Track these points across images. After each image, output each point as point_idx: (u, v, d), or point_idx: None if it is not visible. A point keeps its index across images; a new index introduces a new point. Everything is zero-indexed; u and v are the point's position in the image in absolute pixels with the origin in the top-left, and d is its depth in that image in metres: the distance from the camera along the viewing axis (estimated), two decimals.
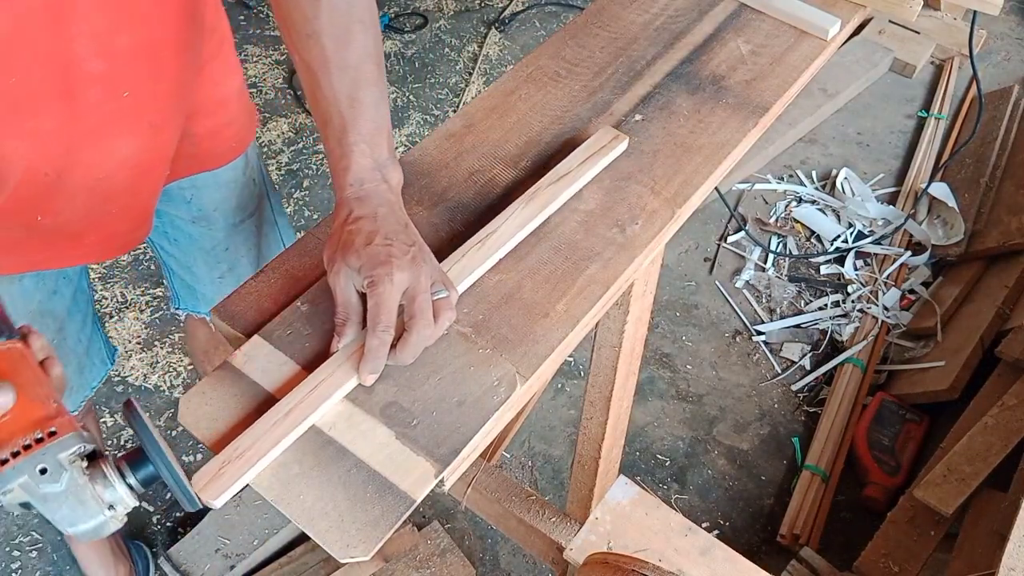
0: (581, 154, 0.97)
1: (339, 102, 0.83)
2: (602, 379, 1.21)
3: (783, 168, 2.70)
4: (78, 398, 1.24)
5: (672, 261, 2.43)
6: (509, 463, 2.01)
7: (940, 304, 2.25)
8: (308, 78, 0.85)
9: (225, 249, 1.26)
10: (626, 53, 1.14)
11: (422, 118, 2.80)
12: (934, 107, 2.84)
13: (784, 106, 1.12)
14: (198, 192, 1.17)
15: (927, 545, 1.75)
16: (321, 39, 0.82)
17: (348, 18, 0.83)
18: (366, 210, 0.82)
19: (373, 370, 0.77)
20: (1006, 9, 3.21)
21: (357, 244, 0.79)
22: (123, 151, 0.91)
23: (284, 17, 0.85)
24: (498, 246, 0.89)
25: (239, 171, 1.20)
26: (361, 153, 0.83)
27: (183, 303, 1.36)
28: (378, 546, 0.70)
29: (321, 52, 0.83)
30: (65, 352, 1.18)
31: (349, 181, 0.83)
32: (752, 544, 1.91)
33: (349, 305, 0.80)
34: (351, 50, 0.83)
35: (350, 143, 0.82)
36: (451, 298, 0.81)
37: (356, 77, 0.83)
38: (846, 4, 1.21)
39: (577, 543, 0.92)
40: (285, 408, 0.76)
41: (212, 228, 1.23)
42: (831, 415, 2.06)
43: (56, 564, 1.84)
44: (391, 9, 3.16)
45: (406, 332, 0.78)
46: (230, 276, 1.30)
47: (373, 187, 0.83)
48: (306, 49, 0.83)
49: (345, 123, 0.83)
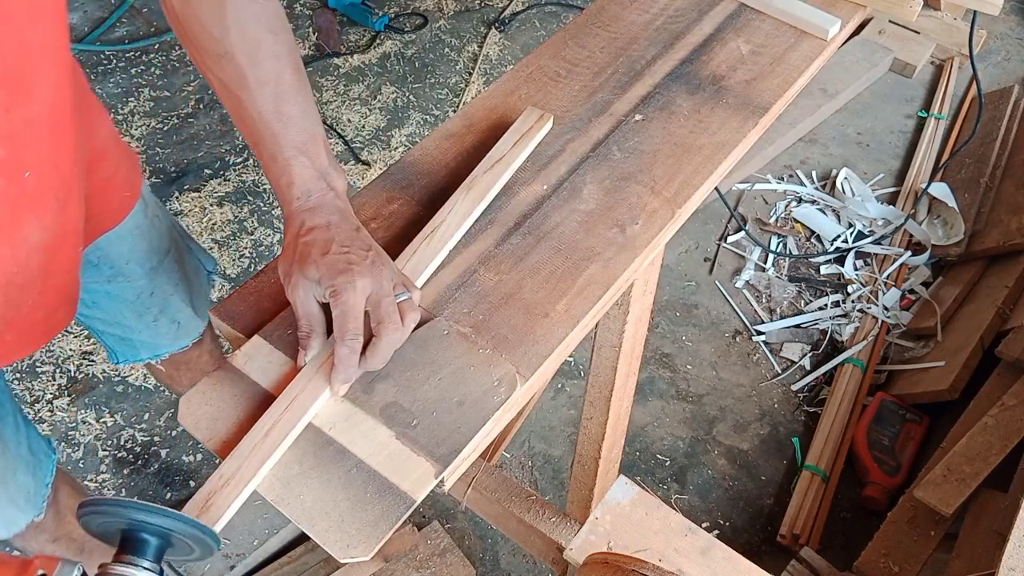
0: (511, 137, 0.98)
1: (265, 119, 0.80)
2: (602, 379, 1.21)
3: (783, 168, 2.70)
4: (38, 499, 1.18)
5: (672, 261, 2.43)
6: (509, 463, 2.01)
7: (940, 304, 2.25)
8: (229, 98, 0.82)
9: (151, 294, 1.22)
10: (626, 53, 1.14)
11: (422, 118, 2.80)
12: (934, 107, 2.84)
13: (784, 106, 1.12)
14: (104, 253, 1.12)
15: (927, 545, 1.75)
16: (235, 57, 0.79)
17: (257, 30, 0.80)
18: (318, 220, 0.80)
19: (345, 379, 0.76)
20: (1006, 9, 3.21)
21: (314, 255, 0.77)
22: (33, 236, 0.84)
23: (191, 40, 0.81)
24: (447, 238, 0.89)
25: (139, 216, 1.15)
26: (301, 165, 0.81)
27: (121, 356, 1.32)
28: (378, 546, 0.70)
29: (237, 70, 0.80)
30: (9, 460, 1.11)
31: (295, 195, 0.81)
32: (752, 544, 1.91)
33: (312, 317, 0.79)
34: (267, 64, 0.80)
35: (287, 158, 0.80)
36: (414, 298, 0.80)
37: (277, 90, 0.81)
38: (846, 4, 1.21)
39: (577, 543, 0.92)
40: (263, 429, 0.75)
41: (130, 280, 1.18)
42: (831, 415, 2.06)
43: None
44: (391, 9, 3.16)
45: (375, 338, 0.77)
46: (163, 317, 1.26)
47: (320, 197, 0.81)
48: (220, 69, 0.81)
49: (277, 139, 0.80)
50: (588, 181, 0.98)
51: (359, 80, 2.91)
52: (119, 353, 1.32)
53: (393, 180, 0.98)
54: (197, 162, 2.61)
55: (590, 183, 0.98)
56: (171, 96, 2.79)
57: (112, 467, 1.98)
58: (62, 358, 2.14)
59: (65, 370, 2.12)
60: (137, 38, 2.97)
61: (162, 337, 1.30)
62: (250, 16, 0.80)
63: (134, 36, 2.98)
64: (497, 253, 0.91)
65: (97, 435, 2.03)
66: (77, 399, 2.08)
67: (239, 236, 2.42)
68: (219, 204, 2.49)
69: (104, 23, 3.00)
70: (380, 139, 2.73)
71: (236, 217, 2.46)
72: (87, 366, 2.13)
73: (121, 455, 2.00)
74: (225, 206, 2.49)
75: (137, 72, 2.86)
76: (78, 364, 2.13)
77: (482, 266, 0.90)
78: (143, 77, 2.84)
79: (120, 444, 2.02)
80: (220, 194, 2.52)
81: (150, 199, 1.20)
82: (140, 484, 1.96)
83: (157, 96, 2.79)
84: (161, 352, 1.33)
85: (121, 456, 2.00)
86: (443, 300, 0.87)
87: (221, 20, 0.79)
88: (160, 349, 1.32)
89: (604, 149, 1.02)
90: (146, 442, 2.03)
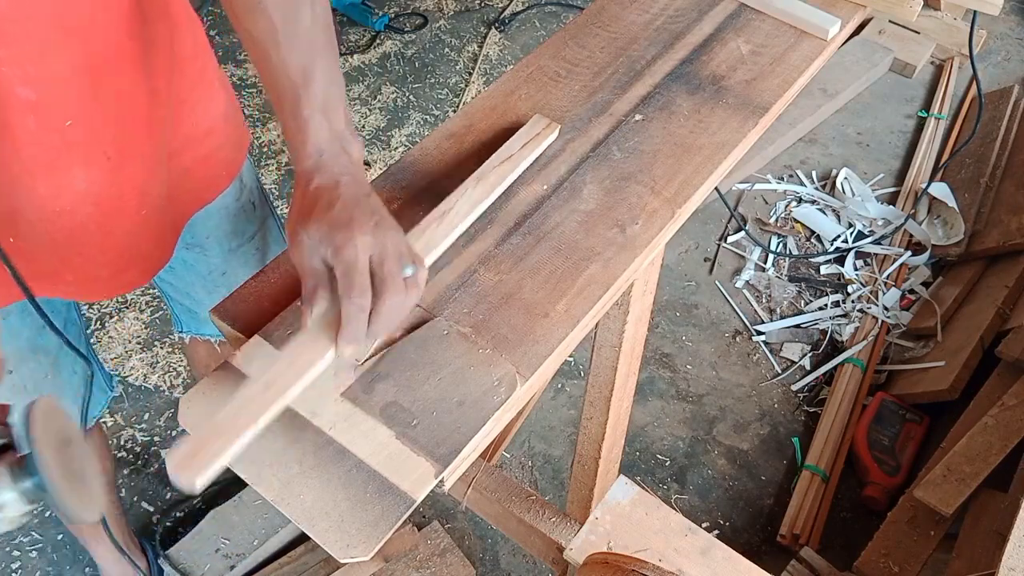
0: (520, 139, 0.99)
1: (291, 75, 0.79)
2: (602, 379, 1.21)
3: (783, 168, 2.70)
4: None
5: (672, 261, 2.43)
6: (509, 463, 2.01)
7: (940, 304, 2.25)
8: (257, 53, 0.80)
9: (222, 274, 1.22)
10: (626, 53, 1.14)
11: (422, 118, 2.80)
12: (934, 107, 2.84)
13: (784, 106, 1.12)
14: (189, 222, 1.13)
15: (927, 545, 1.75)
16: (268, 11, 0.78)
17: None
18: (326, 178, 0.77)
19: (353, 339, 0.72)
20: (1006, 9, 3.21)
21: (317, 212, 0.74)
22: (78, 184, 0.87)
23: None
24: (455, 224, 0.89)
25: (230, 198, 1.15)
26: (318, 124, 0.78)
27: (186, 326, 1.33)
28: (378, 546, 0.70)
29: (269, 24, 0.78)
30: (60, 385, 1.15)
31: (308, 152, 0.78)
32: (752, 544, 1.91)
33: (317, 274, 0.74)
34: (300, 21, 0.79)
35: (305, 116, 0.78)
36: (420, 275, 0.75)
37: (307, 49, 0.79)
38: (846, 4, 1.21)
39: (577, 543, 0.92)
40: (263, 382, 0.71)
41: (207, 255, 1.18)
42: (831, 415, 2.06)
43: (56, 564, 1.84)
44: (391, 9, 3.16)
45: (376, 300, 0.72)
46: None
47: (333, 156, 0.79)
48: (252, 22, 0.79)
49: (299, 95, 0.78)
50: (588, 181, 0.98)
51: (359, 80, 2.91)
52: (185, 323, 1.32)
53: (393, 180, 0.98)
54: None
55: (590, 183, 0.98)
56: None
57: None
58: None
59: None
60: None
61: None
62: None
63: None
64: (497, 253, 0.91)
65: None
66: None
67: None
68: None
69: None
70: (380, 139, 2.73)
71: None
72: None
73: (121, 455, 2.00)
74: None
75: None
76: None
77: (482, 266, 0.90)
78: None
79: (120, 444, 2.02)
80: None
81: (250, 182, 1.18)
82: (140, 484, 1.96)
83: None
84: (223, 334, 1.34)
85: (121, 456, 2.00)
86: (443, 300, 0.87)
87: None
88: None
89: (604, 149, 1.02)
90: (146, 442, 2.03)
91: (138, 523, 1.89)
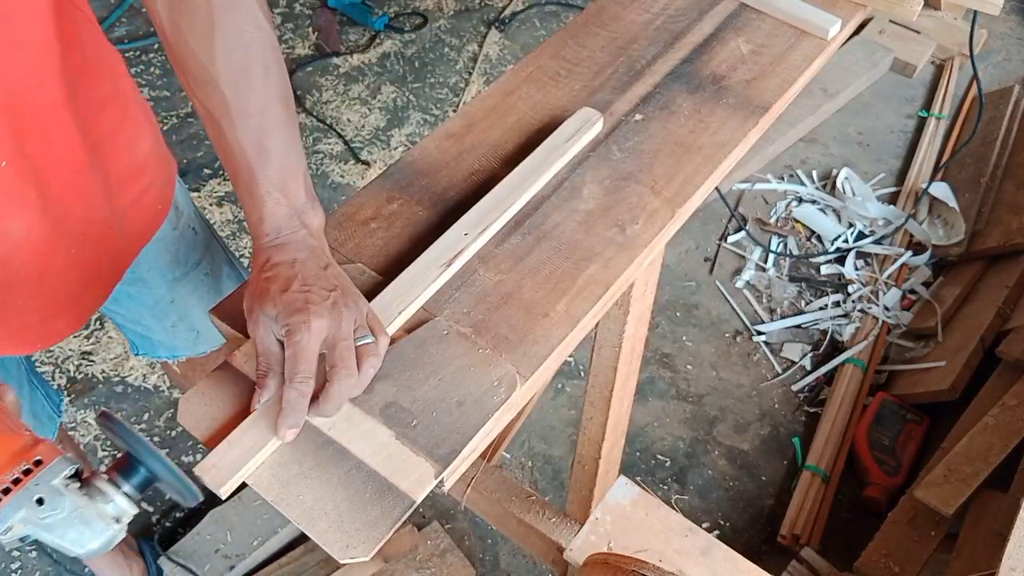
0: (566, 131, 0.99)
1: (245, 152, 0.78)
2: (602, 379, 1.21)
3: (783, 168, 2.69)
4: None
5: (672, 261, 2.43)
6: (509, 463, 2.01)
7: (941, 304, 2.25)
8: (211, 126, 0.79)
9: (170, 302, 1.21)
10: (626, 53, 1.14)
11: (422, 118, 2.80)
12: (934, 107, 2.84)
13: (784, 106, 1.12)
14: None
15: (927, 545, 1.75)
16: (219, 86, 0.77)
17: (246, 61, 0.78)
18: (284, 257, 0.78)
19: (292, 424, 0.73)
20: (1006, 9, 3.20)
21: (273, 292, 0.75)
22: (14, 232, 0.83)
23: (179, 64, 0.80)
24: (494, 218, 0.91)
25: (167, 228, 1.13)
26: (275, 202, 0.78)
27: (141, 349, 1.32)
28: (378, 546, 0.70)
29: (221, 100, 0.77)
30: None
31: (265, 231, 0.79)
32: (752, 544, 1.91)
33: (270, 355, 0.75)
34: (252, 95, 0.78)
35: (261, 195, 0.78)
36: (378, 344, 0.77)
37: (261, 124, 0.79)
38: (846, 4, 1.21)
39: (577, 543, 0.92)
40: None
41: (150, 287, 1.17)
42: (831, 415, 2.06)
43: (56, 564, 1.84)
44: (391, 8, 3.16)
45: (327, 382, 0.73)
46: (182, 324, 1.25)
47: (290, 233, 0.79)
48: (205, 96, 0.78)
49: (254, 173, 0.78)
50: (588, 181, 0.98)
51: (359, 80, 2.91)
52: (140, 347, 1.32)
53: (393, 180, 0.98)
54: (197, 162, 2.61)
55: (590, 183, 0.98)
56: (171, 96, 2.79)
57: None
58: (62, 358, 2.14)
59: (64, 370, 2.12)
60: (137, 37, 2.97)
61: (179, 341, 1.30)
62: (240, 45, 0.78)
63: (134, 35, 2.98)
64: (497, 253, 0.91)
65: (97, 435, 2.02)
66: (77, 399, 2.08)
67: (239, 236, 2.42)
68: (219, 204, 2.49)
69: (104, 22, 3.00)
70: (380, 139, 2.73)
71: (236, 217, 2.46)
72: (87, 366, 2.13)
73: (110, 466, 2.00)
74: (225, 206, 2.49)
75: (137, 72, 2.85)
76: (77, 364, 2.13)
77: (482, 266, 0.90)
78: (143, 76, 2.84)
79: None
80: (220, 194, 2.52)
81: (186, 210, 1.17)
82: None
83: (157, 96, 2.79)
84: (179, 354, 1.33)
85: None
86: (443, 300, 0.87)
87: (210, 47, 0.77)
88: (177, 351, 1.32)
89: (604, 149, 1.02)
90: None
91: (138, 523, 1.89)
